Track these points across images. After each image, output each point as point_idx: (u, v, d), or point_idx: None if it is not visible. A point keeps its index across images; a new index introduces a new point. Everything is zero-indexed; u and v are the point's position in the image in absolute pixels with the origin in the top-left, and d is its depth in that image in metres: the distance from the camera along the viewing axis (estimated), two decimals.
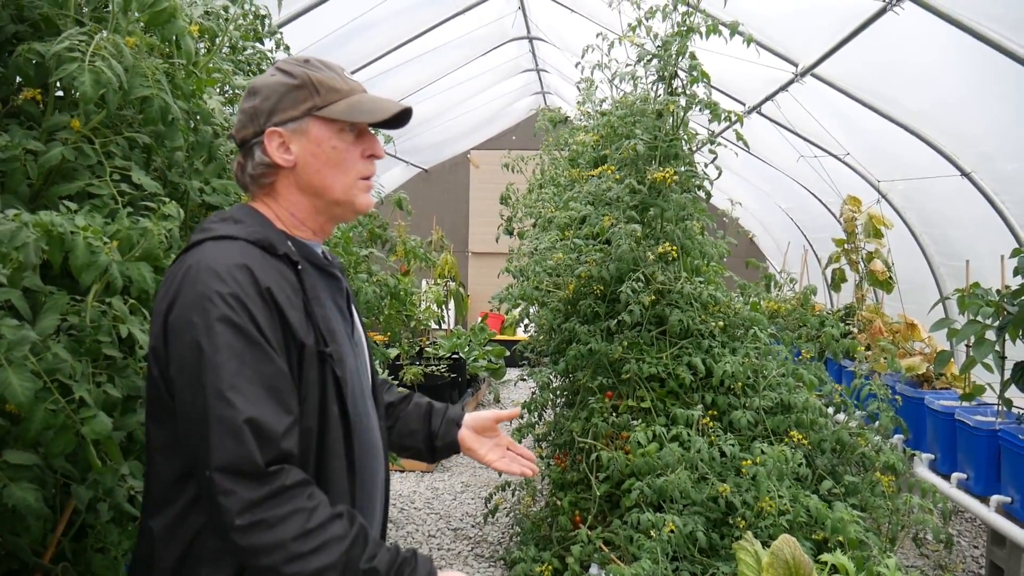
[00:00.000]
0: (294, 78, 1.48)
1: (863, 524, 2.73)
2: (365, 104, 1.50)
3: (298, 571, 1.24)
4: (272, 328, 1.33)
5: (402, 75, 7.72)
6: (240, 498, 1.23)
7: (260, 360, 1.30)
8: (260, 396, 1.28)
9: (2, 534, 1.69)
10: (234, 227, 1.43)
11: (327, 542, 1.27)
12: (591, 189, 3.78)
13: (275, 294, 1.35)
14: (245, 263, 1.35)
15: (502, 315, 9.89)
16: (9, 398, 1.43)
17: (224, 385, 1.26)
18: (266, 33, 3.34)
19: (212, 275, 1.32)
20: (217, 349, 1.27)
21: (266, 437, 1.26)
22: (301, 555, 1.25)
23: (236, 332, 1.29)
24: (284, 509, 1.25)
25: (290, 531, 1.25)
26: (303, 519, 1.26)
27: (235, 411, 1.25)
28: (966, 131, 4.88)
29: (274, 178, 1.50)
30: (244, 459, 1.24)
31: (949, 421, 4.61)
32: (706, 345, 3.42)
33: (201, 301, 1.30)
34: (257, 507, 1.24)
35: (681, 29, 3.59)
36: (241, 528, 1.23)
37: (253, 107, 1.48)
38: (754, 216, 9.99)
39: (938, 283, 6.13)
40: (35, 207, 1.78)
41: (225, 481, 1.24)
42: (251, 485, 1.24)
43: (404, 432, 1.82)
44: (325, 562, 1.26)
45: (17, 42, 1.92)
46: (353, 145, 1.50)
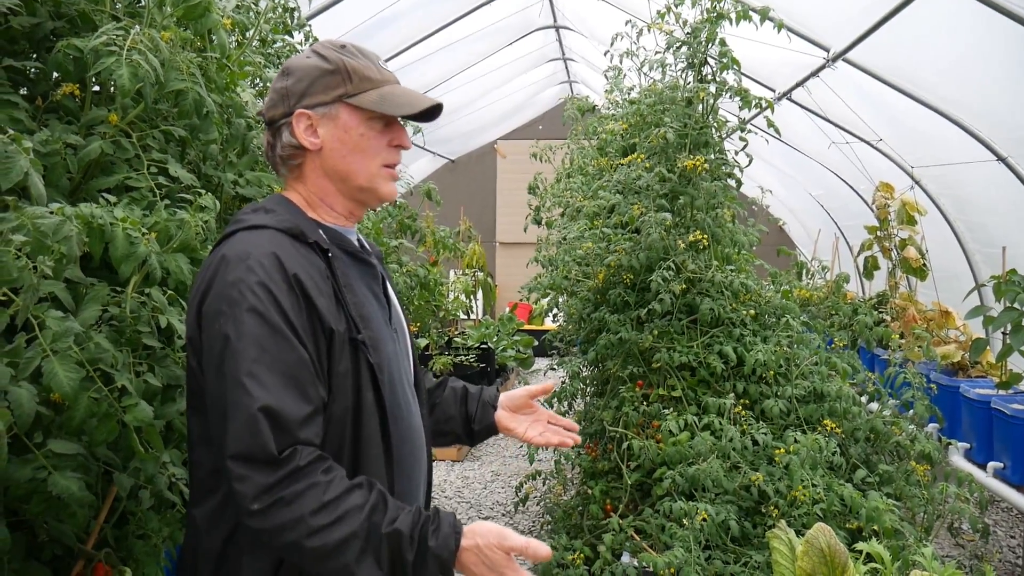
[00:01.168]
0: (329, 63, 1.48)
1: (898, 513, 2.71)
2: (397, 96, 1.50)
3: (321, 544, 1.25)
4: (298, 315, 1.34)
5: (428, 66, 7.73)
6: (255, 483, 1.25)
7: (282, 348, 1.31)
8: (278, 384, 1.29)
9: (47, 521, 1.73)
10: (265, 216, 1.45)
11: (347, 512, 1.27)
12: (620, 178, 3.77)
13: (303, 281, 1.36)
14: (273, 251, 1.36)
15: (530, 305, 9.90)
16: (55, 388, 1.46)
17: (242, 372, 1.28)
18: (295, 26, 3.36)
19: (241, 264, 1.34)
20: (240, 337, 1.29)
21: (282, 426, 1.27)
22: (321, 528, 1.25)
23: (260, 320, 1.30)
24: (300, 485, 1.26)
25: (308, 505, 1.25)
26: (319, 492, 1.27)
27: (251, 399, 1.26)
28: (1002, 116, 4.78)
29: (301, 160, 1.51)
30: (257, 447, 1.25)
31: (985, 409, 4.54)
32: (737, 333, 3.40)
33: (229, 290, 1.32)
34: (272, 489, 1.25)
35: (711, 15, 3.56)
36: (258, 512, 1.25)
37: (285, 87, 1.50)
38: (784, 204, 9.89)
39: (973, 270, 6.03)
40: (75, 200, 1.81)
41: (239, 468, 1.25)
42: (265, 471, 1.25)
43: (442, 418, 1.82)
44: (346, 532, 1.26)
45: (55, 38, 1.95)
46: (381, 134, 1.51)
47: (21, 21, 1.88)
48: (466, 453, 6.43)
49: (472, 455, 6.44)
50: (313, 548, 1.25)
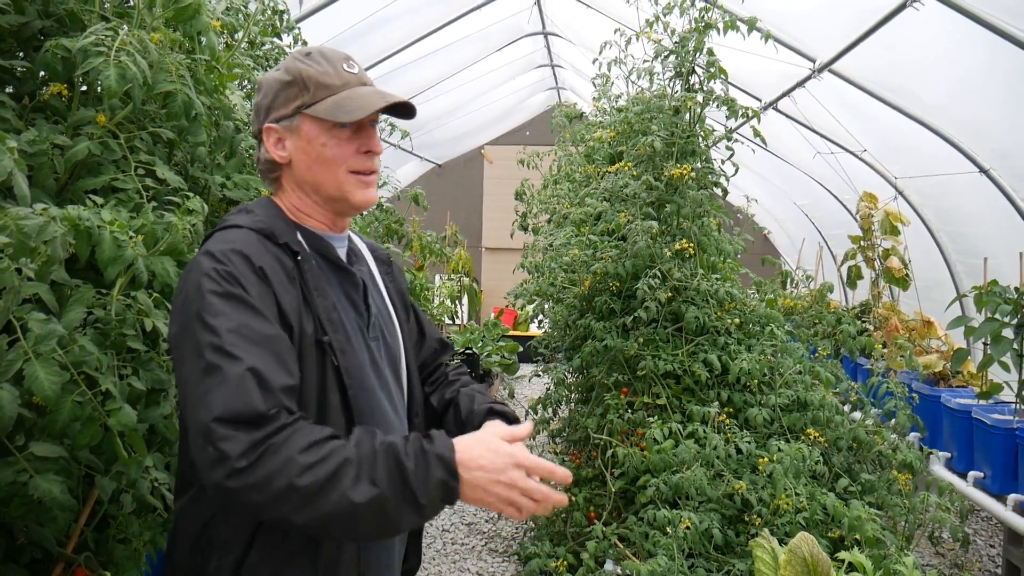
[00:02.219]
0: (288, 74, 1.47)
1: (880, 522, 2.73)
2: (352, 100, 1.47)
3: (312, 480, 1.20)
4: (266, 303, 1.34)
5: (417, 71, 7.73)
6: (241, 440, 1.20)
7: (258, 324, 1.30)
8: (261, 354, 1.27)
9: (27, 524, 1.71)
10: (243, 217, 1.47)
11: (336, 448, 1.23)
12: (607, 185, 3.78)
13: (268, 274, 1.36)
14: (240, 248, 1.37)
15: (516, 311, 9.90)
16: (36, 391, 1.44)
17: (225, 343, 1.26)
18: (284, 28, 3.35)
19: (209, 257, 1.35)
20: (216, 316, 1.28)
21: (268, 387, 1.25)
22: (312, 464, 1.20)
23: (233, 300, 1.31)
24: (285, 433, 1.23)
25: (296, 446, 1.21)
26: (306, 434, 1.23)
27: (237, 362, 1.24)
28: (985, 127, 4.84)
29: (278, 173, 1.52)
30: (244, 405, 1.22)
31: (966, 419, 4.58)
32: (722, 342, 3.41)
33: (198, 279, 1.32)
34: (259, 444, 1.21)
35: (699, 25, 3.58)
36: (245, 468, 1.19)
37: (257, 103, 1.51)
38: (769, 212, 9.96)
39: (955, 280, 6.09)
40: (61, 201, 1.79)
41: (224, 428, 1.21)
42: (252, 428, 1.21)
43: None
44: (338, 460, 1.22)
45: (44, 37, 1.94)
46: (347, 141, 1.48)
47: (9, 20, 1.87)
48: None
49: None
50: (306, 486, 1.19)
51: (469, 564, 4.34)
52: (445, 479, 1.23)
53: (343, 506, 1.20)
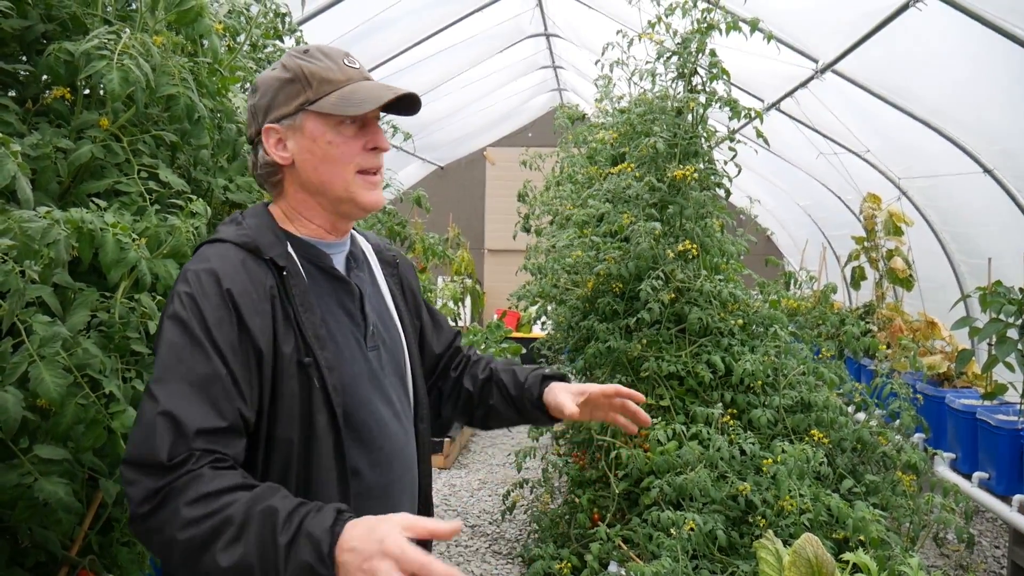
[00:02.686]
0: (288, 71, 1.43)
1: (884, 523, 2.72)
2: (358, 93, 1.43)
3: (191, 535, 1.15)
4: (224, 330, 1.30)
5: (419, 72, 7.74)
6: (142, 487, 1.18)
7: (196, 360, 1.27)
8: (185, 393, 1.24)
9: (32, 527, 1.71)
10: (231, 229, 1.43)
11: (225, 504, 1.16)
12: (610, 186, 3.78)
13: (235, 296, 1.32)
14: (213, 267, 1.33)
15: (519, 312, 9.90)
16: (41, 393, 1.45)
17: (153, 379, 1.25)
18: (286, 31, 3.35)
19: (183, 276, 1.34)
20: (160, 344, 1.29)
21: (180, 434, 1.21)
22: (196, 519, 1.15)
23: (181, 329, 1.28)
24: (184, 479, 1.19)
25: (185, 497, 1.17)
26: (200, 484, 1.18)
27: (154, 404, 1.22)
28: (989, 128, 4.83)
29: (280, 176, 1.47)
30: (148, 453, 1.20)
31: (970, 420, 4.58)
32: (725, 343, 3.41)
33: (169, 300, 1.32)
34: (159, 492, 1.18)
35: (701, 26, 3.58)
36: (144, 515, 1.18)
37: (254, 104, 1.46)
38: (772, 213, 9.94)
39: (959, 281, 6.08)
40: (64, 204, 1.80)
41: (130, 472, 1.20)
42: (154, 475, 1.19)
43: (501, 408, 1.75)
44: (220, 519, 1.15)
45: (46, 41, 1.95)
46: (353, 138, 1.44)
47: (12, 24, 1.88)
48: (453, 461, 6.42)
49: (459, 463, 6.43)
50: (184, 541, 1.15)
51: (473, 567, 4.33)
52: (310, 563, 1.11)
53: (212, 567, 1.14)
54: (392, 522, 1.11)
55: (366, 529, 1.11)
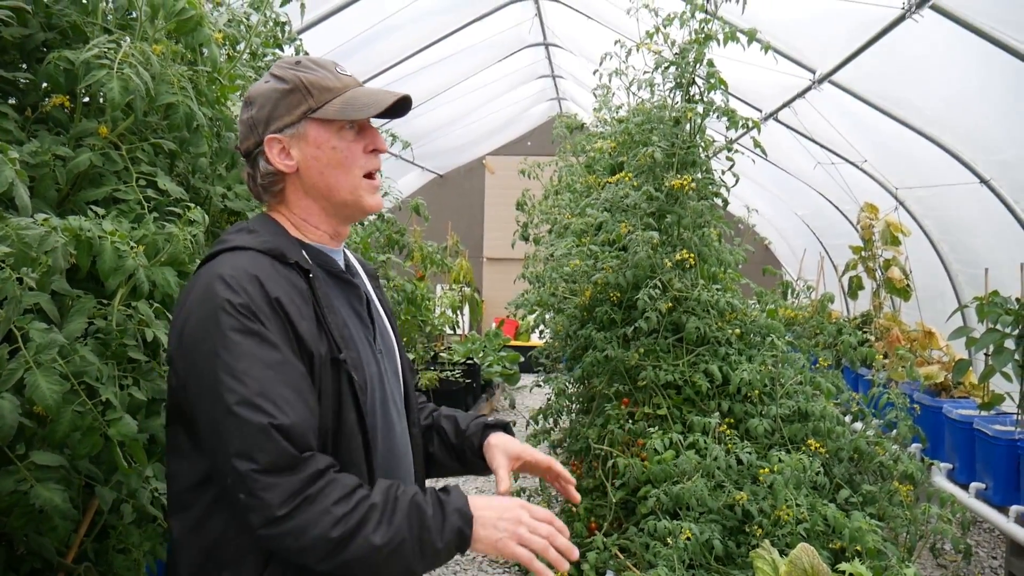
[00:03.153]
0: (286, 83, 1.46)
1: (881, 533, 2.72)
2: (360, 99, 1.48)
3: (344, 529, 1.26)
4: (284, 338, 1.35)
5: (418, 82, 7.76)
6: (283, 488, 1.26)
7: (282, 365, 1.32)
8: (282, 398, 1.29)
9: (28, 534, 1.71)
10: (247, 237, 1.44)
11: (363, 498, 1.30)
12: (608, 196, 3.79)
13: (284, 304, 1.36)
14: (255, 274, 1.36)
15: (517, 321, 9.90)
16: (37, 400, 1.45)
17: (250, 392, 1.27)
18: (286, 40, 3.36)
19: (224, 286, 1.33)
20: (238, 358, 1.29)
21: (296, 435, 1.29)
22: (344, 515, 1.26)
23: (253, 339, 1.31)
24: (321, 483, 1.28)
25: (331, 497, 1.27)
26: (340, 485, 1.29)
27: (262, 415, 1.26)
28: (985, 138, 4.85)
29: (282, 185, 1.50)
30: (279, 454, 1.26)
31: (968, 430, 4.58)
32: (723, 352, 3.41)
33: (215, 312, 1.31)
34: (299, 492, 1.26)
35: (699, 36, 3.60)
36: (283, 516, 1.25)
37: (251, 117, 1.48)
38: (770, 223, 9.97)
39: (956, 291, 6.09)
40: (63, 212, 1.80)
41: (265, 477, 1.26)
42: (291, 475, 1.27)
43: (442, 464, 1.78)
44: (365, 508, 1.29)
45: (47, 49, 1.95)
46: (354, 142, 1.49)
47: (12, 32, 1.88)
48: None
49: None
50: (337, 536, 1.26)
51: (469, 575, 4.32)
52: (460, 527, 1.31)
53: (364, 549, 1.27)
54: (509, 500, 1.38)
55: (496, 500, 1.37)
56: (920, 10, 3.88)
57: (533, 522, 1.34)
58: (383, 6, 5.92)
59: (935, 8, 3.82)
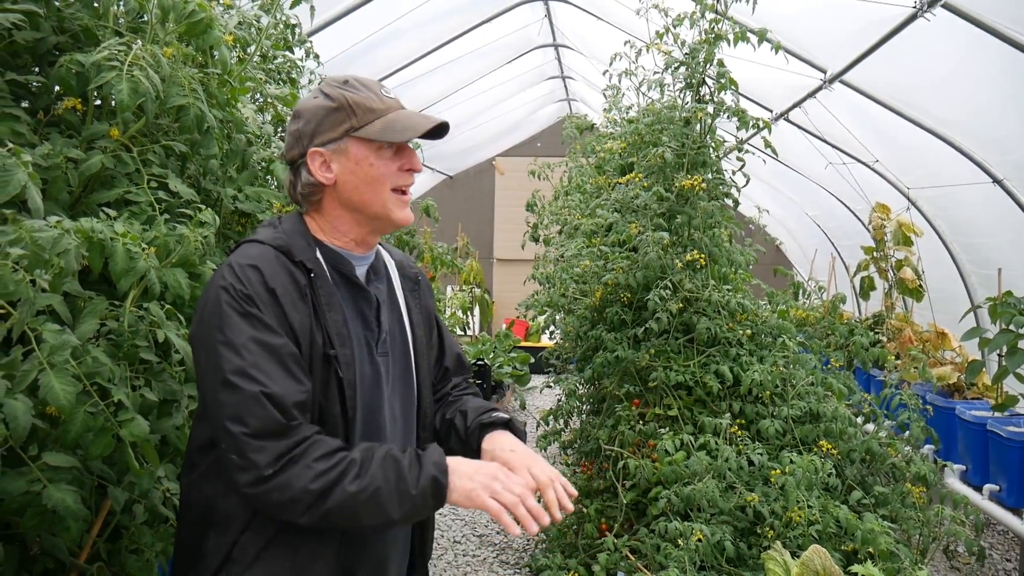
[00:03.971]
0: (332, 100, 1.55)
1: (893, 535, 2.70)
2: (400, 122, 1.56)
3: (324, 482, 1.37)
4: (279, 323, 1.46)
5: (429, 83, 7.77)
6: (270, 451, 1.37)
7: (274, 343, 1.43)
8: (277, 372, 1.41)
9: (41, 534, 1.72)
10: (267, 232, 1.57)
11: (343, 456, 1.41)
12: (618, 196, 3.78)
13: (279, 295, 1.47)
14: (258, 265, 1.48)
15: (527, 322, 9.89)
16: (51, 401, 1.46)
17: (246, 364, 1.39)
18: (296, 42, 3.37)
19: (231, 273, 1.46)
20: (236, 334, 1.41)
21: (285, 405, 1.40)
22: (325, 470, 1.37)
23: (250, 320, 1.43)
24: (304, 445, 1.40)
25: (312, 455, 1.39)
26: (322, 446, 1.41)
27: (255, 384, 1.38)
28: (998, 138, 4.82)
29: (320, 195, 1.59)
30: (270, 420, 1.38)
31: (981, 432, 4.55)
32: (734, 353, 3.40)
33: (218, 293, 1.44)
34: (284, 454, 1.38)
35: (709, 36, 3.58)
36: (271, 475, 1.37)
37: (298, 130, 1.57)
38: (781, 223, 9.93)
39: (969, 292, 6.05)
40: (75, 214, 1.81)
41: (256, 440, 1.37)
42: (279, 438, 1.38)
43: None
44: (344, 464, 1.39)
45: (58, 53, 1.96)
46: (391, 161, 1.57)
47: (24, 35, 1.89)
48: None
49: None
50: (317, 488, 1.36)
51: (480, 575, 4.33)
52: (436, 475, 1.41)
53: (342, 498, 1.38)
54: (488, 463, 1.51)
55: (467, 460, 1.49)
56: (932, 9, 3.86)
57: (507, 480, 1.44)
58: (393, 8, 5.93)
59: (947, 7, 3.80)
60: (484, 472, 1.45)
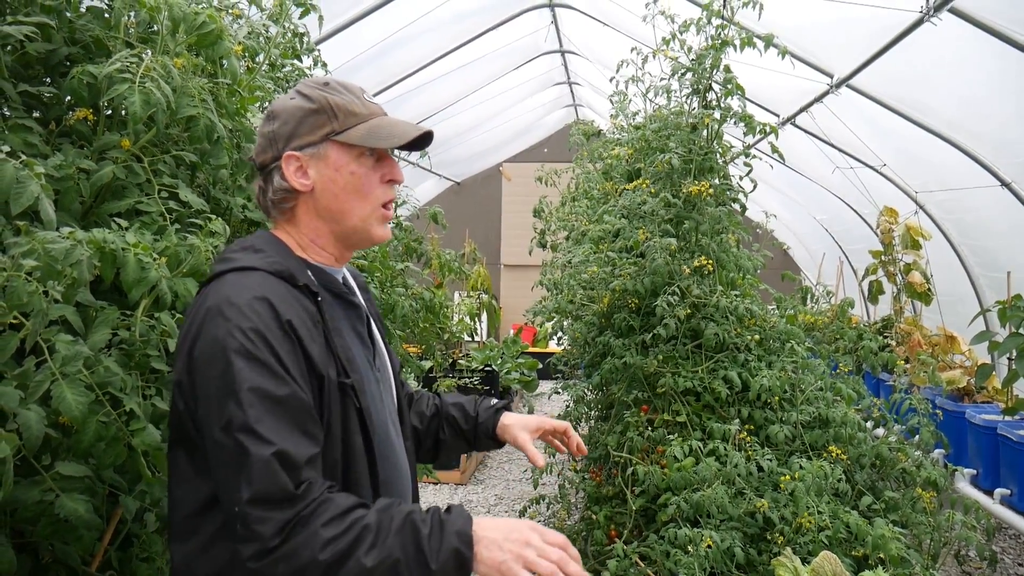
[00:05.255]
0: (312, 102, 1.46)
1: (904, 541, 2.69)
2: (384, 128, 1.48)
3: (333, 552, 1.22)
4: (294, 361, 1.33)
5: (435, 89, 7.80)
6: (275, 521, 1.23)
7: (285, 394, 1.29)
8: (285, 429, 1.27)
9: (53, 543, 1.73)
10: (254, 257, 1.42)
11: (356, 519, 1.25)
12: (625, 202, 3.78)
13: (296, 327, 1.34)
14: (265, 295, 1.34)
15: (534, 328, 9.89)
16: (64, 411, 1.47)
17: (251, 419, 1.25)
18: (304, 51, 3.39)
19: (233, 309, 1.31)
20: (242, 384, 1.27)
21: (293, 467, 1.26)
22: (334, 537, 1.22)
23: (259, 367, 1.28)
24: (310, 508, 1.25)
25: (320, 520, 1.24)
26: (329, 508, 1.25)
27: (263, 444, 1.24)
28: (1005, 141, 4.81)
29: (294, 203, 1.49)
30: (276, 488, 1.24)
31: (991, 436, 4.52)
32: (742, 359, 3.40)
33: (224, 337, 1.29)
34: (291, 522, 1.24)
35: (715, 42, 3.59)
36: (277, 546, 1.22)
37: (272, 131, 1.48)
38: (788, 227, 9.91)
39: (978, 295, 6.03)
40: (86, 224, 1.83)
41: (258, 510, 1.23)
42: (284, 507, 1.24)
43: (450, 448, 1.86)
44: (358, 530, 1.24)
45: (70, 64, 1.98)
46: (372, 170, 1.49)
47: (37, 47, 1.91)
48: (469, 476, 6.41)
49: (475, 479, 6.42)
50: (327, 560, 1.22)
51: None
52: (458, 547, 1.24)
53: (357, 571, 1.22)
54: (519, 521, 1.31)
55: (497, 520, 1.30)
56: (939, 13, 3.86)
57: (542, 545, 1.27)
58: (400, 16, 5.96)
59: (954, 11, 3.80)
60: (515, 538, 1.27)
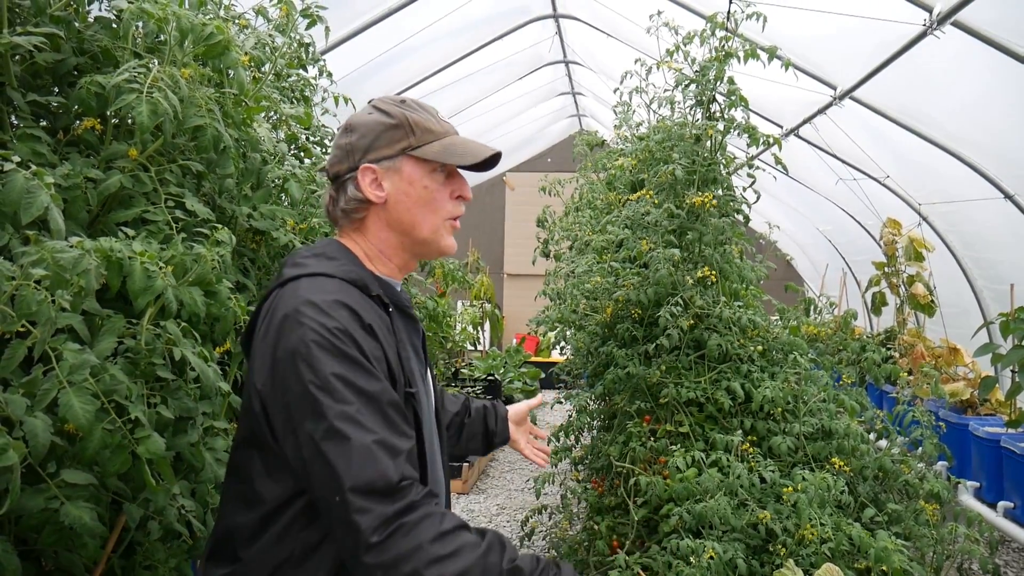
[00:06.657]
0: (391, 117, 1.51)
1: (907, 553, 2.69)
2: (458, 146, 1.54)
3: (439, 573, 1.23)
4: (380, 359, 1.37)
5: (439, 99, 7.83)
6: (376, 514, 1.23)
7: (377, 390, 1.32)
8: (380, 422, 1.30)
9: (57, 550, 1.73)
10: (328, 264, 1.47)
11: (463, 546, 1.27)
12: (629, 213, 3.79)
13: (376, 332, 1.38)
14: (345, 301, 1.37)
15: (537, 337, 9.89)
16: (70, 419, 1.47)
17: (350, 410, 1.27)
18: (309, 60, 3.41)
19: (315, 309, 1.34)
20: (334, 379, 1.29)
21: (396, 455, 1.28)
22: (440, 557, 1.23)
23: (349, 363, 1.31)
24: (417, 515, 1.26)
25: (426, 534, 1.24)
26: (436, 522, 1.26)
27: (364, 433, 1.27)
28: (1009, 154, 4.82)
29: (365, 213, 1.54)
30: (378, 476, 1.25)
31: (995, 448, 4.52)
32: (745, 370, 3.40)
33: (310, 336, 1.32)
34: (391, 520, 1.24)
35: (719, 54, 3.60)
36: (377, 544, 1.23)
37: (349, 143, 1.53)
38: (792, 239, 9.91)
39: (982, 307, 6.03)
40: (93, 232, 1.84)
41: (360, 500, 1.24)
42: (385, 501, 1.24)
43: (468, 437, 1.97)
44: (463, 564, 1.25)
45: (78, 74, 2.00)
46: (443, 186, 1.54)
47: (45, 57, 1.93)
48: (471, 486, 6.41)
49: (477, 488, 6.41)
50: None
51: None
52: None
53: None
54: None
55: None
56: (942, 26, 3.87)
57: None
58: (405, 27, 5.99)
59: (957, 24, 3.81)
60: None
